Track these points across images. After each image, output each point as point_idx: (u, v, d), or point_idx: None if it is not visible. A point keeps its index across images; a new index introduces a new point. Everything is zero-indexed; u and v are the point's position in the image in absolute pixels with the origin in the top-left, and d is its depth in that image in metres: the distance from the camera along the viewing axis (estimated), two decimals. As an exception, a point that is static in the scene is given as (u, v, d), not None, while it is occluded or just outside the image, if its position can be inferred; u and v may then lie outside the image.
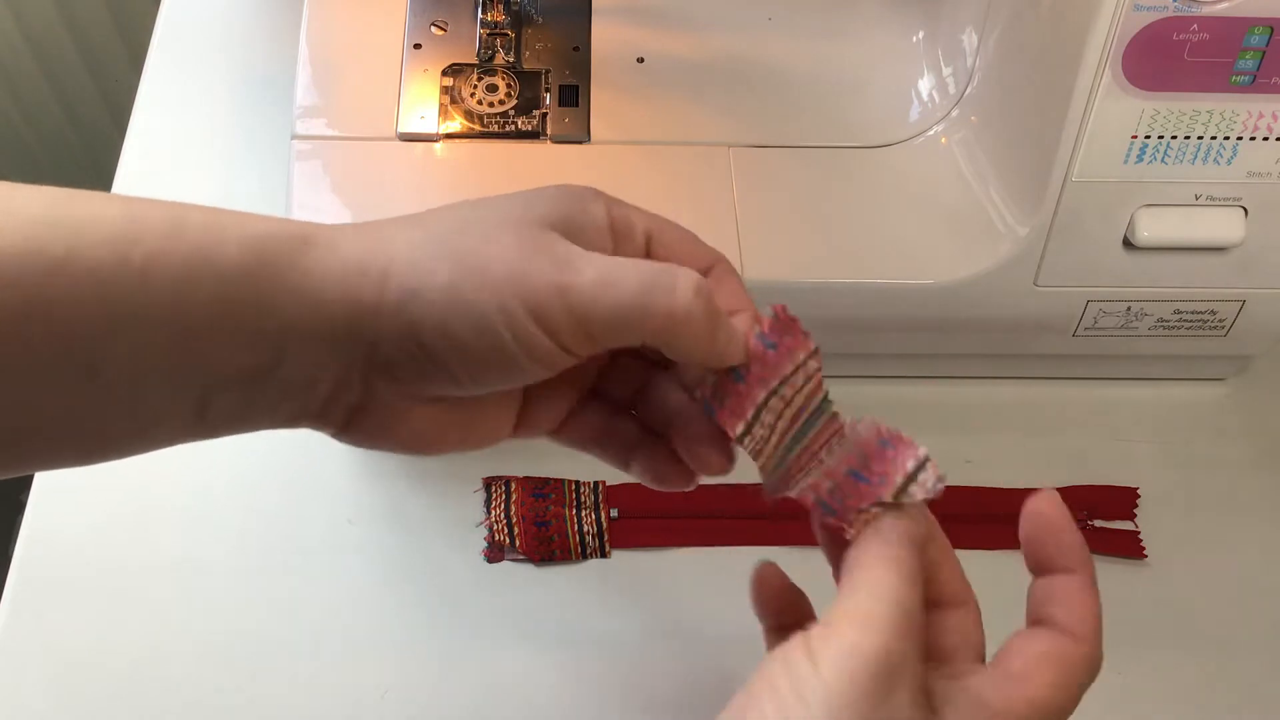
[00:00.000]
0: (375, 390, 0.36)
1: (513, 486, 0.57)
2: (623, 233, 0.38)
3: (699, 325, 0.35)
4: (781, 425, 0.36)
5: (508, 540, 0.55)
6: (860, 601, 0.32)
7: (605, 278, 0.34)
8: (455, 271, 0.34)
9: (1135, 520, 0.57)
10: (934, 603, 0.35)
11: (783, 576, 0.38)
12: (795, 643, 0.31)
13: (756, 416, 0.36)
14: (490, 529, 0.55)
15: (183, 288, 0.33)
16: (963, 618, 0.35)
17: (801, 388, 0.37)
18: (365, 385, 0.36)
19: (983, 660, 0.35)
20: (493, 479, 0.57)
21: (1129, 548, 0.56)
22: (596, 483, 0.57)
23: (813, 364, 0.37)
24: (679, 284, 0.34)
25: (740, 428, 0.36)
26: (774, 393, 0.36)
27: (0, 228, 0.32)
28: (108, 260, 0.33)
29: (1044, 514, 0.35)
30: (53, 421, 0.34)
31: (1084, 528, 0.56)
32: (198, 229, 0.34)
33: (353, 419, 0.37)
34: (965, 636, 0.35)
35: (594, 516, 0.56)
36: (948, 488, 0.56)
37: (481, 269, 0.34)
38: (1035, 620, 0.34)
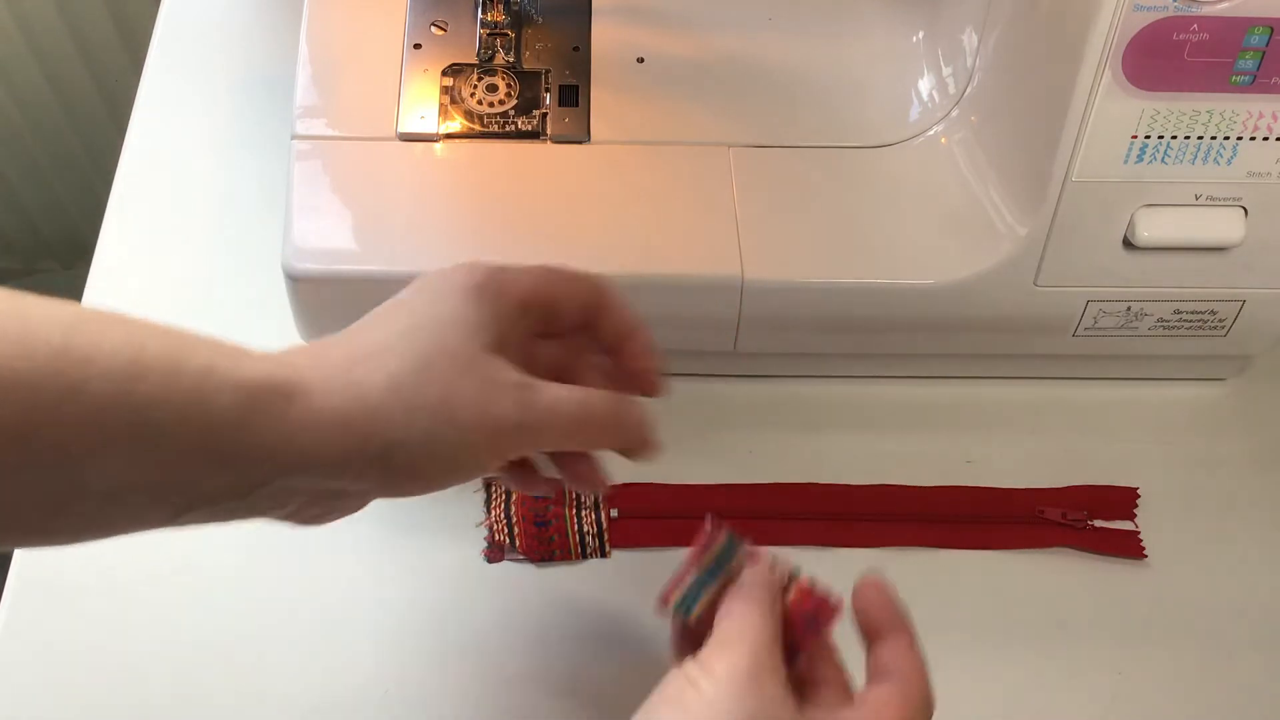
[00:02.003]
0: (336, 504, 0.42)
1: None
2: (525, 310, 0.44)
3: (618, 435, 0.44)
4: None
5: (508, 540, 0.55)
6: (732, 627, 0.40)
7: (552, 410, 0.41)
8: (431, 423, 0.40)
9: (1135, 520, 0.57)
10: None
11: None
12: (690, 664, 0.39)
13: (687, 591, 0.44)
14: (490, 529, 0.55)
15: (177, 426, 0.36)
16: (829, 659, 0.43)
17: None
18: (329, 503, 0.42)
19: (849, 693, 0.42)
20: (493, 479, 0.57)
21: (1129, 548, 0.56)
22: (596, 495, 0.57)
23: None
24: (602, 408, 0.43)
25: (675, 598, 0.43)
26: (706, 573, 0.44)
27: (24, 353, 0.34)
28: (110, 395, 0.35)
29: (871, 591, 0.43)
30: (29, 519, 0.36)
31: (1084, 528, 0.57)
32: (195, 374, 0.37)
33: (316, 519, 0.42)
34: (834, 674, 0.42)
35: (594, 516, 0.56)
36: (948, 488, 0.57)
37: (452, 418, 0.40)
38: (876, 676, 0.41)
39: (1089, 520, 0.57)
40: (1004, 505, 0.57)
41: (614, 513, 0.56)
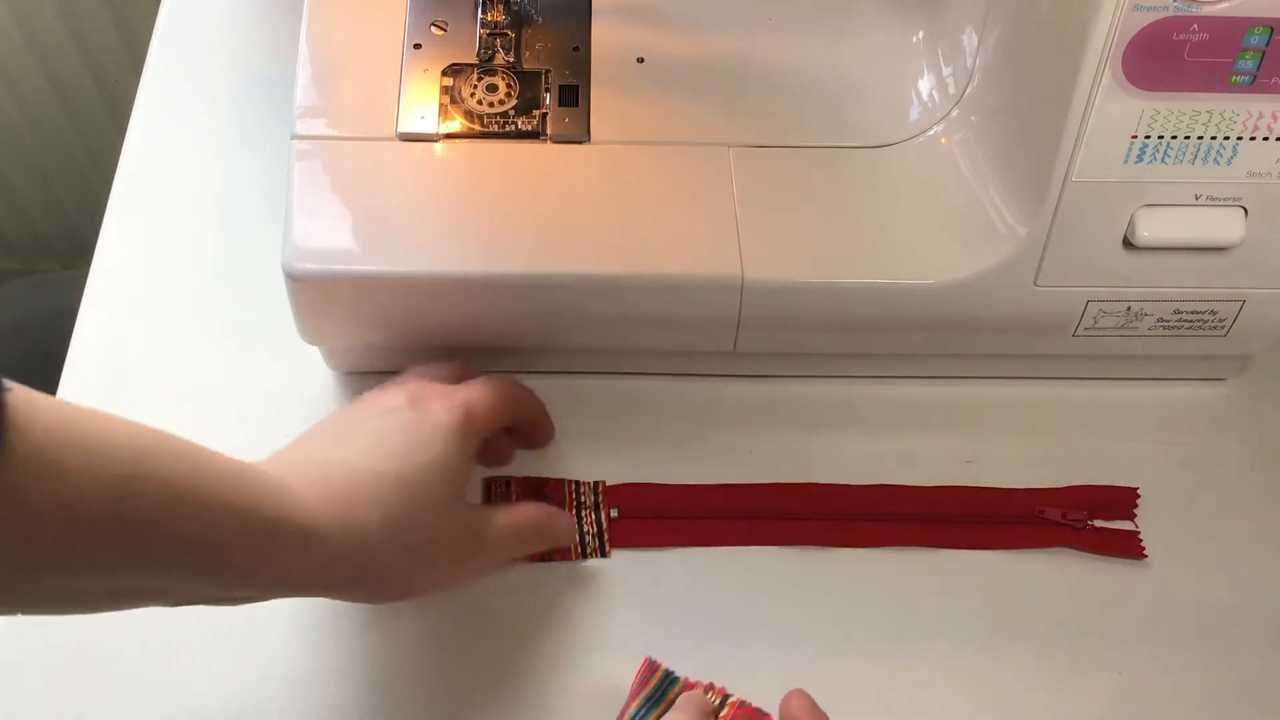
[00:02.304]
0: None
1: (512, 486, 0.57)
2: (488, 446, 0.54)
3: (554, 537, 0.54)
4: None
5: None
6: None
7: (505, 537, 0.51)
8: (411, 565, 0.47)
9: (1135, 520, 0.57)
10: None
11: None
12: None
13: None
14: None
15: (198, 556, 0.40)
16: None
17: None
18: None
19: None
20: (493, 479, 0.57)
21: (1129, 548, 0.56)
22: (597, 483, 0.57)
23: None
24: (537, 519, 0.53)
25: None
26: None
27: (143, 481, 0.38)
28: (158, 525, 0.39)
29: (796, 700, 0.48)
30: (38, 605, 0.41)
31: (1084, 528, 0.56)
32: (230, 519, 0.41)
33: None
34: None
35: (594, 516, 0.56)
36: (948, 488, 0.57)
37: (430, 561, 0.48)
38: None
39: (1089, 520, 0.57)
40: (1004, 505, 0.57)
41: (614, 513, 0.56)
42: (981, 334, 0.58)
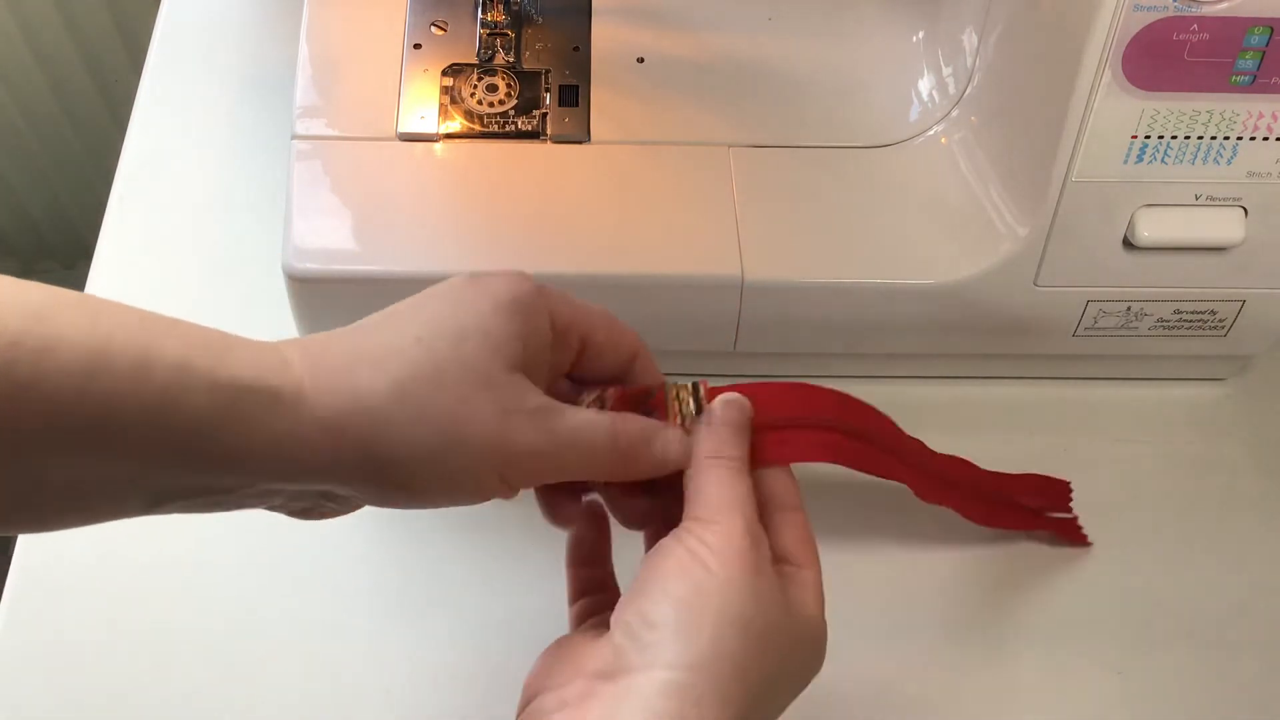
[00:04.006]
0: (326, 502, 0.39)
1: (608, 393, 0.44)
2: (560, 340, 0.41)
3: (640, 470, 0.41)
4: None
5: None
6: (717, 498, 0.40)
7: (572, 438, 0.39)
8: (436, 440, 0.36)
9: (1071, 509, 0.57)
10: (777, 508, 0.42)
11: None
12: (684, 534, 0.39)
13: None
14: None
15: (141, 427, 0.33)
16: (796, 521, 0.42)
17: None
18: (318, 500, 0.39)
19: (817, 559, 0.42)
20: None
21: (1074, 536, 0.56)
22: (695, 383, 0.45)
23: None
24: (636, 436, 0.41)
25: None
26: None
27: None
28: (68, 390, 0.32)
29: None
30: None
31: (1039, 512, 0.56)
32: (166, 370, 0.34)
33: (304, 515, 0.40)
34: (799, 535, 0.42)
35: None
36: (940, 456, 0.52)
37: (461, 438, 0.37)
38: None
39: (1043, 509, 0.56)
40: (984, 484, 0.55)
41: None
42: (981, 334, 0.58)
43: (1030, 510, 0.56)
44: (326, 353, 0.37)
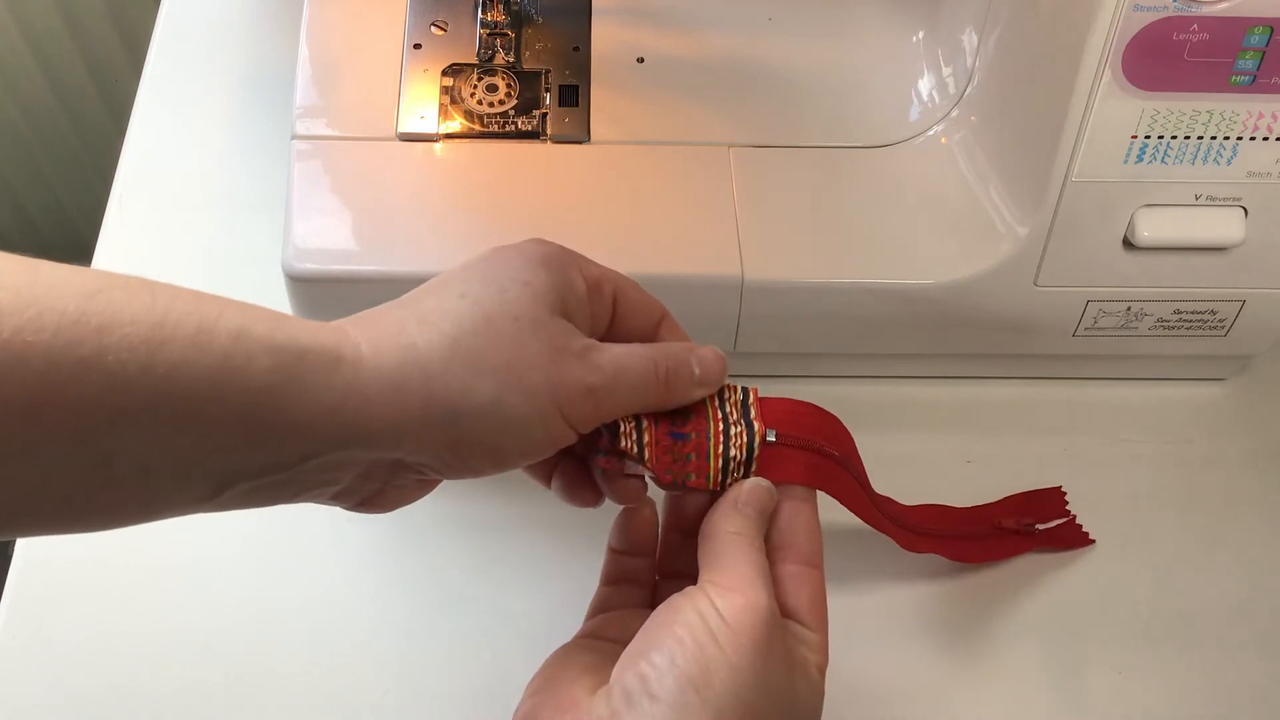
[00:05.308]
0: (396, 481, 0.40)
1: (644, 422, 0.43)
2: (594, 294, 0.42)
3: (683, 392, 0.42)
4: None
5: (635, 448, 0.42)
6: (740, 568, 0.39)
7: (619, 368, 0.40)
8: (498, 388, 0.37)
9: (1068, 513, 0.57)
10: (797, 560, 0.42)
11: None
12: (700, 597, 0.38)
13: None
14: (619, 428, 0.42)
15: (205, 397, 0.34)
16: (814, 579, 0.42)
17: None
18: (388, 479, 0.39)
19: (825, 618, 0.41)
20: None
21: (1075, 538, 0.56)
22: (746, 390, 0.44)
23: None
24: (668, 366, 0.41)
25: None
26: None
27: (35, 325, 0.32)
28: (131, 365, 0.33)
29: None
30: (59, 500, 0.34)
31: (1030, 532, 0.56)
32: (226, 338, 0.34)
33: (366, 502, 0.40)
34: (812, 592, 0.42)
35: (746, 436, 0.43)
36: (920, 507, 0.53)
37: (520, 381, 0.38)
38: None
39: (1033, 525, 0.56)
40: (964, 523, 0.56)
41: (771, 435, 0.43)
42: (981, 334, 0.58)
43: (1022, 533, 0.56)
44: (379, 320, 0.38)
